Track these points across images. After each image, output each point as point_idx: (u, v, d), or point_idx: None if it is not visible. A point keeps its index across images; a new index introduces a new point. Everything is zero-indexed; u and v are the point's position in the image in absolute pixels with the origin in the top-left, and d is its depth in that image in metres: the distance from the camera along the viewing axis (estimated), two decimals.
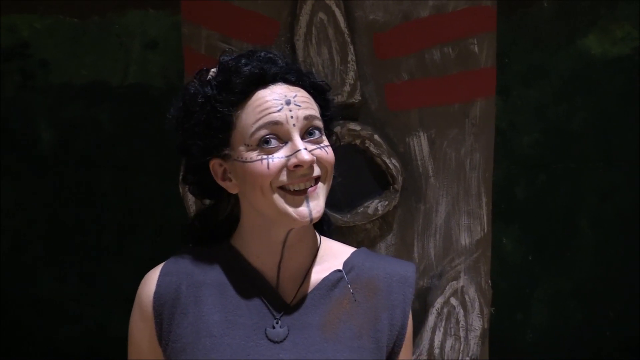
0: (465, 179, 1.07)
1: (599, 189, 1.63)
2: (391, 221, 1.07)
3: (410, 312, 0.84)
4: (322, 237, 0.87)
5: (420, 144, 1.06)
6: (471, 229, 1.07)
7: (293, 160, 0.76)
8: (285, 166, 0.77)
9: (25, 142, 1.68)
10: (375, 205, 1.06)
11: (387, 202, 1.05)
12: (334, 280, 0.82)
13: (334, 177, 0.83)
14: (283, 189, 0.77)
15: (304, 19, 1.00)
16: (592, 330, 1.65)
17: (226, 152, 0.79)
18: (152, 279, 0.83)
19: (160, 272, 0.83)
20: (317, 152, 0.78)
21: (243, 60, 0.80)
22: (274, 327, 0.79)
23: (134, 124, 1.65)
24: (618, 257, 1.64)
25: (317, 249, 0.84)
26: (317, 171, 0.78)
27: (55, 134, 1.67)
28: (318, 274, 0.83)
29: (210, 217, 0.87)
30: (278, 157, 0.77)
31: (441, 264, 1.07)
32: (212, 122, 0.78)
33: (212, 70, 0.81)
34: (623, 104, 1.61)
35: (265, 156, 0.76)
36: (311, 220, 0.77)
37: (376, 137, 1.05)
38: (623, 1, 1.58)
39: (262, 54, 0.81)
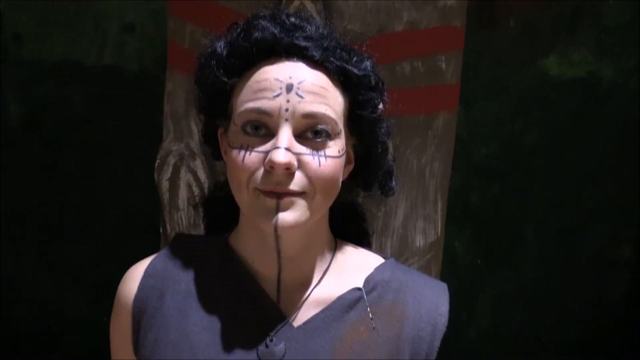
0: (424, 185, 1.14)
1: (546, 200, 1.71)
2: None
3: (439, 347, 0.68)
4: (341, 243, 0.72)
5: None
6: (426, 232, 1.14)
7: (267, 159, 0.60)
8: (263, 163, 0.61)
9: None
10: None
11: None
12: (351, 300, 0.66)
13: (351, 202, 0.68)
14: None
15: None
16: (530, 333, 1.75)
17: (225, 123, 0.66)
18: (134, 279, 0.71)
19: (145, 272, 0.71)
20: (306, 159, 0.61)
21: (262, 22, 0.63)
22: (267, 346, 0.64)
23: (106, 106, 1.64)
24: (558, 266, 1.73)
25: (331, 259, 0.69)
26: (297, 184, 0.61)
27: (25, 110, 1.65)
28: (332, 288, 0.68)
29: (223, 199, 0.72)
30: (256, 151, 0.61)
31: None
32: (210, 85, 0.65)
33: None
34: (575, 123, 1.69)
35: (245, 146, 0.62)
36: (276, 231, 0.62)
37: None
38: (582, 28, 1.66)
39: (291, 19, 0.64)
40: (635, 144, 1.69)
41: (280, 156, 0.60)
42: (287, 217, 0.62)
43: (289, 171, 0.61)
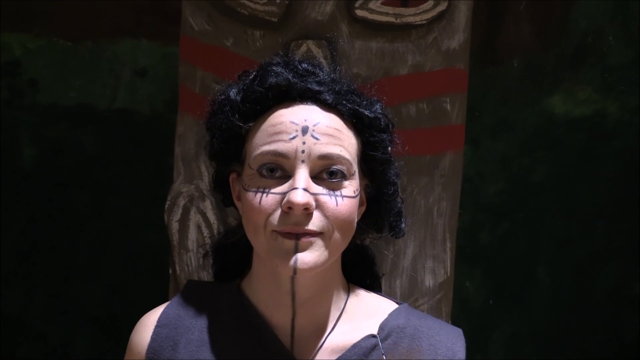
0: (433, 225, 1.14)
1: (556, 238, 1.71)
2: None
3: None
4: (354, 288, 0.72)
5: None
6: (435, 271, 1.14)
7: (285, 200, 0.61)
8: (280, 205, 0.62)
9: (6, 158, 1.69)
10: None
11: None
12: (366, 348, 0.66)
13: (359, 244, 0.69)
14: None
15: None
16: None
17: (238, 168, 0.68)
18: (147, 329, 0.71)
19: (157, 322, 0.70)
20: (324, 199, 0.62)
21: (275, 68, 0.65)
22: None
23: (118, 149, 1.68)
24: (571, 304, 1.71)
25: (344, 304, 0.69)
26: (316, 224, 0.62)
27: (38, 152, 1.68)
28: (346, 335, 0.67)
29: (233, 245, 0.73)
30: (273, 193, 0.62)
31: None
32: (225, 130, 0.66)
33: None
34: (582, 160, 1.70)
35: (261, 188, 0.63)
36: (295, 273, 0.62)
37: None
38: (586, 66, 1.69)
39: (303, 65, 0.66)
40: None
41: (299, 196, 0.61)
42: (306, 257, 0.62)
43: (307, 211, 0.62)
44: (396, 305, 0.72)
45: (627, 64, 1.68)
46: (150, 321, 0.72)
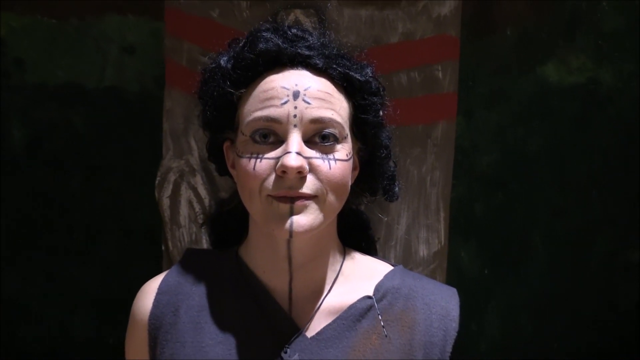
0: (426, 194, 1.14)
1: (551, 207, 1.71)
2: None
3: (450, 351, 0.69)
4: (350, 251, 0.73)
5: None
6: (429, 241, 1.14)
7: (279, 164, 0.62)
8: (274, 170, 0.63)
9: None
10: None
11: None
12: (362, 308, 0.67)
13: (355, 210, 0.70)
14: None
15: None
16: (541, 341, 1.73)
17: (231, 135, 0.68)
18: (148, 296, 0.72)
19: (158, 289, 0.72)
20: (317, 163, 0.63)
21: (265, 34, 0.66)
22: (282, 358, 0.65)
23: (108, 127, 1.66)
24: (567, 273, 1.72)
25: (340, 266, 0.70)
26: (309, 188, 0.63)
27: (28, 133, 1.67)
28: (343, 297, 0.69)
29: (229, 214, 0.74)
30: (267, 158, 0.63)
31: None
32: (217, 98, 0.67)
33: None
34: (576, 129, 1.70)
35: (255, 154, 0.63)
36: (290, 236, 0.63)
37: None
38: (580, 34, 1.67)
39: (293, 30, 0.67)
40: (638, 147, 1.69)
41: (292, 160, 0.62)
42: (301, 220, 0.63)
43: (300, 175, 0.63)
44: (391, 267, 0.74)
45: (621, 31, 1.66)
46: (151, 288, 0.73)
